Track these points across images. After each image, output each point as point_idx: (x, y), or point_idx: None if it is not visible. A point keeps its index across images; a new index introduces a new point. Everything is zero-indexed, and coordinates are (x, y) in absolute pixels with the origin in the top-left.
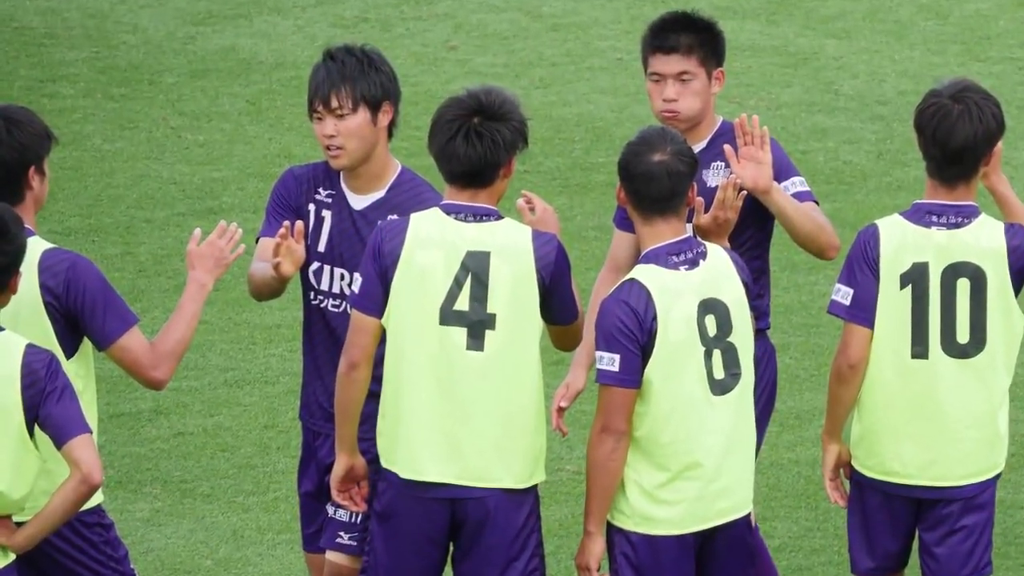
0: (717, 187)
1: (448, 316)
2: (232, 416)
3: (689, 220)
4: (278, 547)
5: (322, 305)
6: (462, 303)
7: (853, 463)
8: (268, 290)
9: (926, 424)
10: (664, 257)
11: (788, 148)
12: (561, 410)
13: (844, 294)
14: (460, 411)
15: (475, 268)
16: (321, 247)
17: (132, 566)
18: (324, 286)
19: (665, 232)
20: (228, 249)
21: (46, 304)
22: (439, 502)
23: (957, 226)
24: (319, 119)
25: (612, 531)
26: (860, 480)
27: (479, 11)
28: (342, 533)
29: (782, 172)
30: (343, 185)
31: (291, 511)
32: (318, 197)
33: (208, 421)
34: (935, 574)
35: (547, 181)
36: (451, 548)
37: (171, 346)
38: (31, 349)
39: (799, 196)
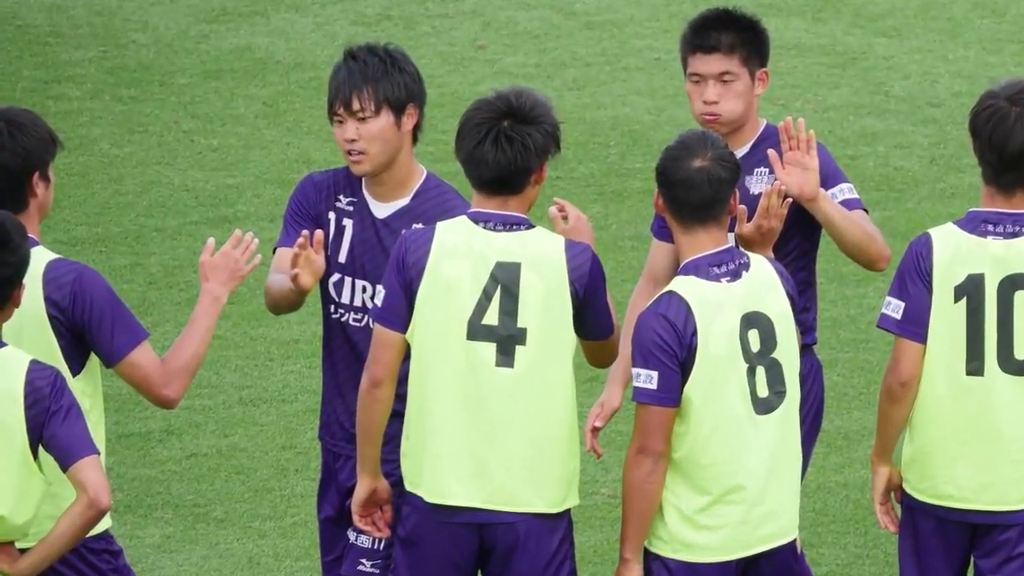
0: (761, 194)
1: (476, 331)
2: (248, 436)
3: (731, 229)
4: (296, 575)
5: (343, 319)
6: (491, 317)
7: (904, 486)
8: (286, 303)
9: (982, 445)
10: (705, 268)
11: (836, 153)
12: (596, 430)
13: (895, 307)
14: (489, 431)
15: (505, 280)
16: (342, 258)
17: None
18: (345, 299)
19: (706, 242)
20: (243, 260)
21: (51, 318)
22: (466, 527)
23: (1015, 235)
24: (340, 122)
25: (649, 558)
26: (912, 504)
27: (508, 8)
28: (364, 560)
29: (829, 178)
30: (365, 192)
31: (310, 537)
32: (339, 205)
33: (222, 442)
34: None
35: (581, 188)
36: None
37: (183, 362)
38: (35, 366)
39: (847, 204)
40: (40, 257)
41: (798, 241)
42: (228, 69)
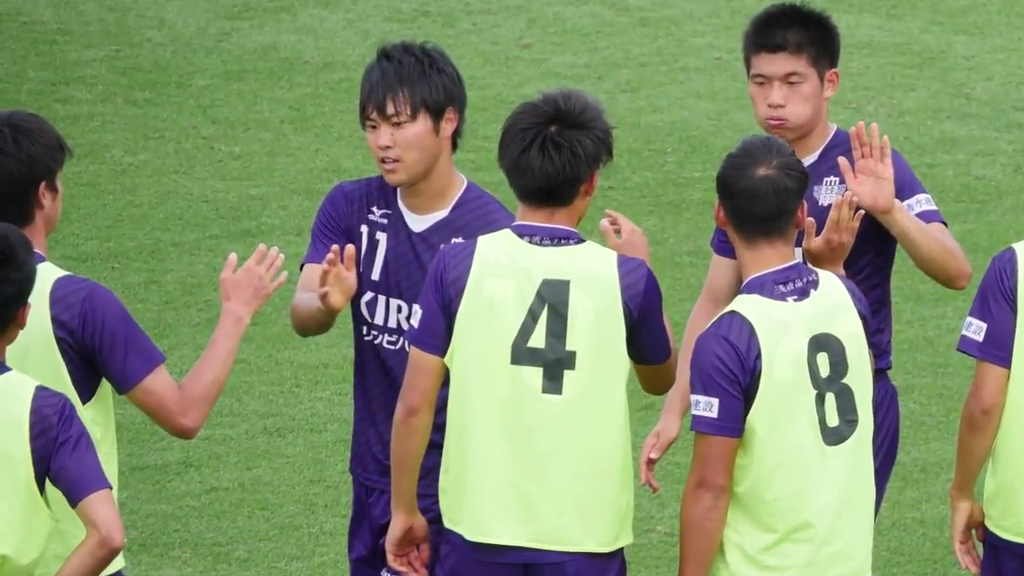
0: (830, 206)
1: (521, 354)
2: (273, 469)
3: (798, 244)
4: None
5: (376, 341)
6: (537, 339)
7: (987, 523)
8: (314, 324)
9: None
10: (769, 286)
11: (912, 161)
12: (651, 462)
13: (976, 329)
14: (535, 464)
15: (552, 299)
16: (375, 275)
17: None
18: (378, 320)
19: (771, 257)
20: (268, 277)
21: (59, 340)
22: (511, 568)
23: None
24: (373, 128)
25: None
26: (995, 543)
27: (556, 3)
28: None
29: (905, 188)
30: (400, 204)
31: None
32: (372, 217)
33: (245, 475)
34: None
35: (635, 199)
36: None
37: (203, 389)
38: (42, 392)
39: (925, 216)
40: (47, 274)
41: (871, 257)
42: (251, 70)
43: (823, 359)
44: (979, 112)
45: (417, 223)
